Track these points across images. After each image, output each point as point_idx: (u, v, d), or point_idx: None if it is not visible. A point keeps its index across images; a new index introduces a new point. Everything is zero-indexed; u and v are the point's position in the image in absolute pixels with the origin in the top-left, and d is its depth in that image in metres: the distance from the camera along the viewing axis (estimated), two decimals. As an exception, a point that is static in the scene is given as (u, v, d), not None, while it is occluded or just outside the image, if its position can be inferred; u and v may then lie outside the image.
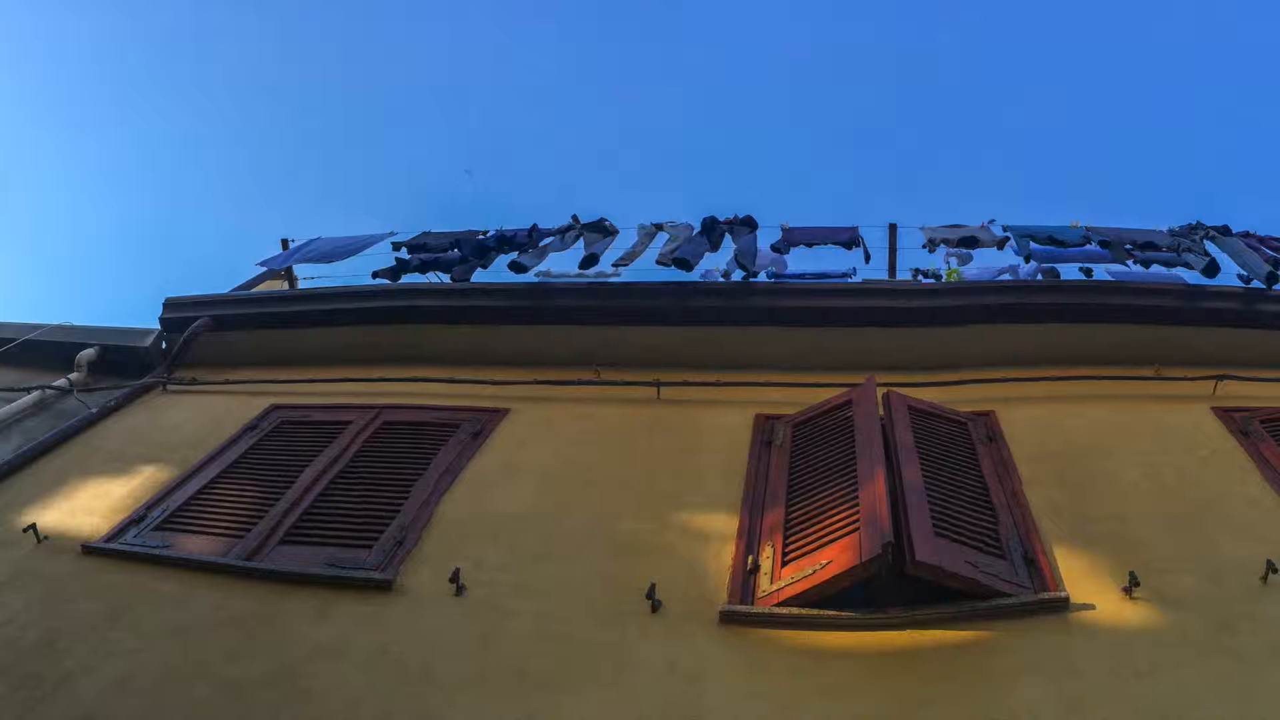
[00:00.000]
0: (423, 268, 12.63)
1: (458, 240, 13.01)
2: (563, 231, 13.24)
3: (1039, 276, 11.75)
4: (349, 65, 31.65)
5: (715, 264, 12.46)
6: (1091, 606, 6.54)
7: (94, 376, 11.30)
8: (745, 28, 30.70)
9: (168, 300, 11.97)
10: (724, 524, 7.66)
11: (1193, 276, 11.45)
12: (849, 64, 31.98)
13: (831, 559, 6.66)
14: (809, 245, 12.76)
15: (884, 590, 6.67)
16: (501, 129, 32.47)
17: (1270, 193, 29.10)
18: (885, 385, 9.14)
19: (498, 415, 9.56)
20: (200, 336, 11.46)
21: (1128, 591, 6.60)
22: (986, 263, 12.96)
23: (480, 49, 31.42)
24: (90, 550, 7.86)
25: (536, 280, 12.06)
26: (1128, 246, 12.06)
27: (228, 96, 31.68)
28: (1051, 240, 12.29)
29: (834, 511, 7.25)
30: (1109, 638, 6.25)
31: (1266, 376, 9.75)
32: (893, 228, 13.36)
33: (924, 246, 12.78)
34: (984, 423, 8.99)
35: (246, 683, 6.26)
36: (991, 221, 12.97)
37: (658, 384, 9.92)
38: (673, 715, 5.84)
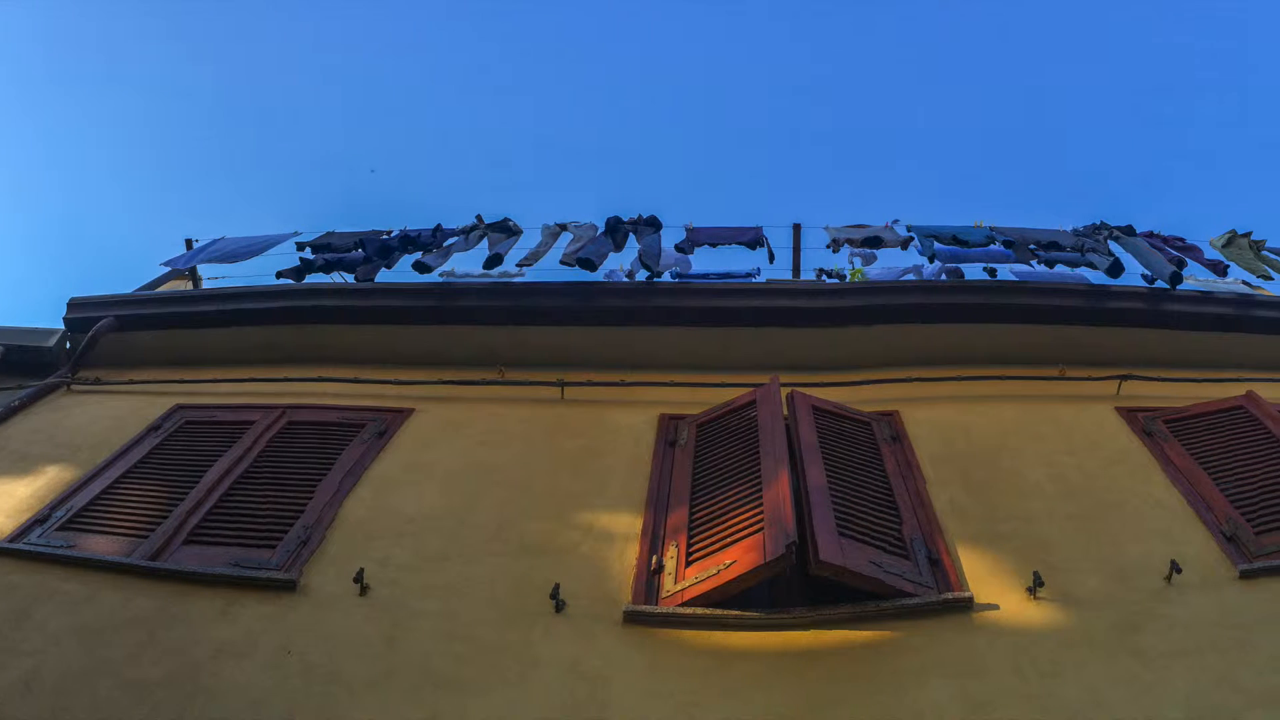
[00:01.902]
0: (327, 268, 12.53)
1: (362, 240, 12.92)
2: (467, 231, 13.21)
3: (943, 277, 11.90)
4: (254, 65, 31.44)
5: (619, 264, 12.54)
6: (996, 606, 6.65)
7: (-2, 377, 11.10)
8: (649, 27, 30.82)
9: (72, 300, 11.78)
10: (628, 524, 7.70)
11: (1097, 277, 11.65)
12: (753, 64, 32.19)
13: (735, 559, 6.71)
14: (713, 245, 12.83)
15: (788, 590, 6.76)
16: (406, 128, 32.42)
17: (1174, 193, 29.67)
18: (789, 385, 9.24)
19: (402, 415, 9.54)
20: (104, 336, 11.30)
21: (1032, 592, 6.72)
22: (890, 263, 13.15)
23: (385, 47, 31.36)
24: (-6, 550, 7.75)
25: (441, 280, 12.02)
26: (1032, 246, 12.23)
27: (131, 96, 31.25)
28: (955, 240, 12.43)
29: (738, 511, 7.30)
30: (1013, 638, 6.35)
31: (1170, 376, 9.96)
32: (797, 228, 13.48)
33: (828, 247, 12.89)
34: (888, 423, 9.10)
35: (150, 682, 6.20)
36: (895, 221, 13.12)
37: (562, 384, 9.94)
38: (577, 715, 5.86)
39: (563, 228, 13.22)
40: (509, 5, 30.25)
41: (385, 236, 13.05)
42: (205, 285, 13.97)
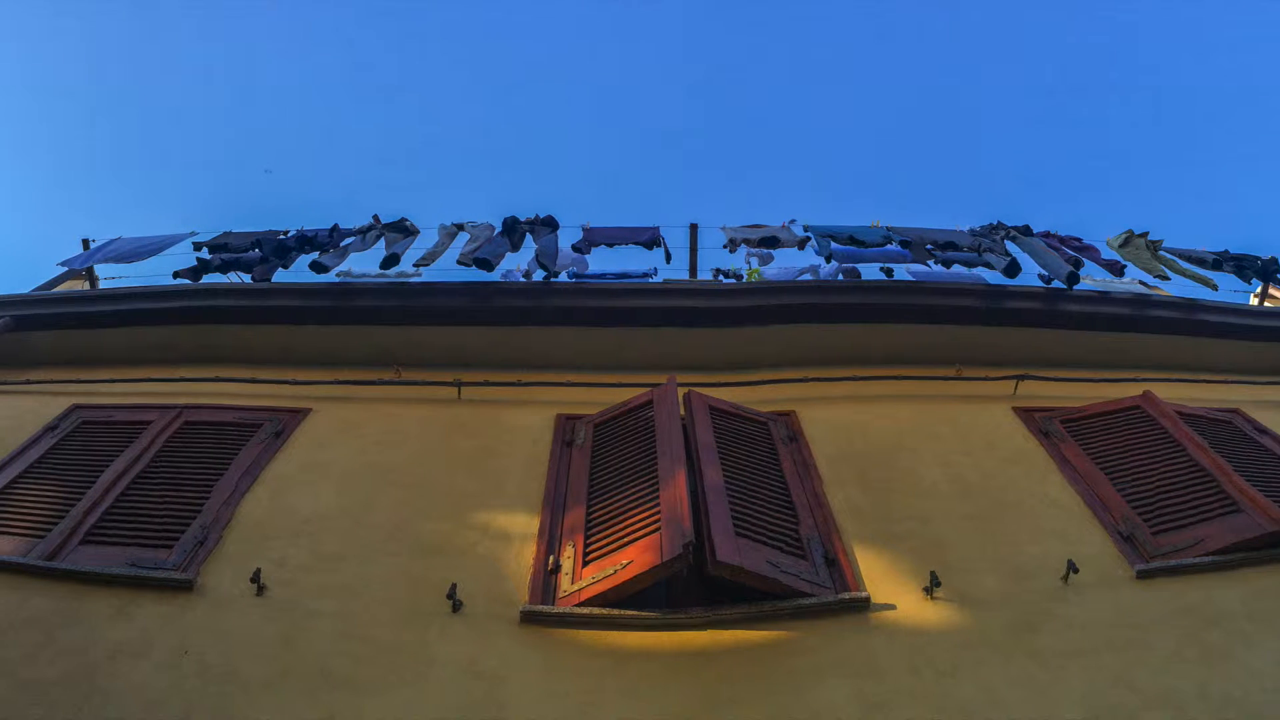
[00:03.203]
0: (224, 268, 12.42)
1: (259, 240, 12.82)
2: (364, 231, 13.17)
3: (840, 277, 11.95)
4: (148, 65, 30.96)
5: (516, 264, 12.49)
6: (893, 606, 6.71)
7: (-106, 376, 10.86)
8: (545, 27, 30.79)
9: (-33, 300, 11.58)
10: (525, 524, 7.70)
11: (994, 277, 11.80)
12: (650, 63, 32.25)
13: (632, 559, 6.72)
14: (610, 245, 12.86)
15: (685, 590, 6.79)
16: (302, 128, 32.17)
17: (1072, 193, 30.11)
18: (686, 385, 9.25)
19: (299, 415, 9.46)
20: (1, 337, 11.10)
21: (929, 592, 6.80)
22: (787, 263, 13.18)
23: (279, 46, 31.05)
24: (-112, 551, 7.57)
25: (338, 280, 11.96)
26: (929, 246, 12.36)
27: (26, 96, 30.78)
28: (852, 240, 12.53)
29: (635, 512, 7.32)
30: (910, 638, 6.42)
31: (1067, 376, 10.11)
32: (693, 228, 13.49)
33: (725, 246, 12.94)
34: (785, 423, 9.15)
35: (46, 682, 6.12)
36: (792, 221, 13.20)
37: (459, 384, 9.89)
38: (474, 715, 5.86)
39: (460, 228, 13.20)
40: (405, 3, 30.14)
41: (282, 236, 12.99)
42: (102, 285, 13.78)
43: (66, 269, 13.43)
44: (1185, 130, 31.11)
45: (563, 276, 11.96)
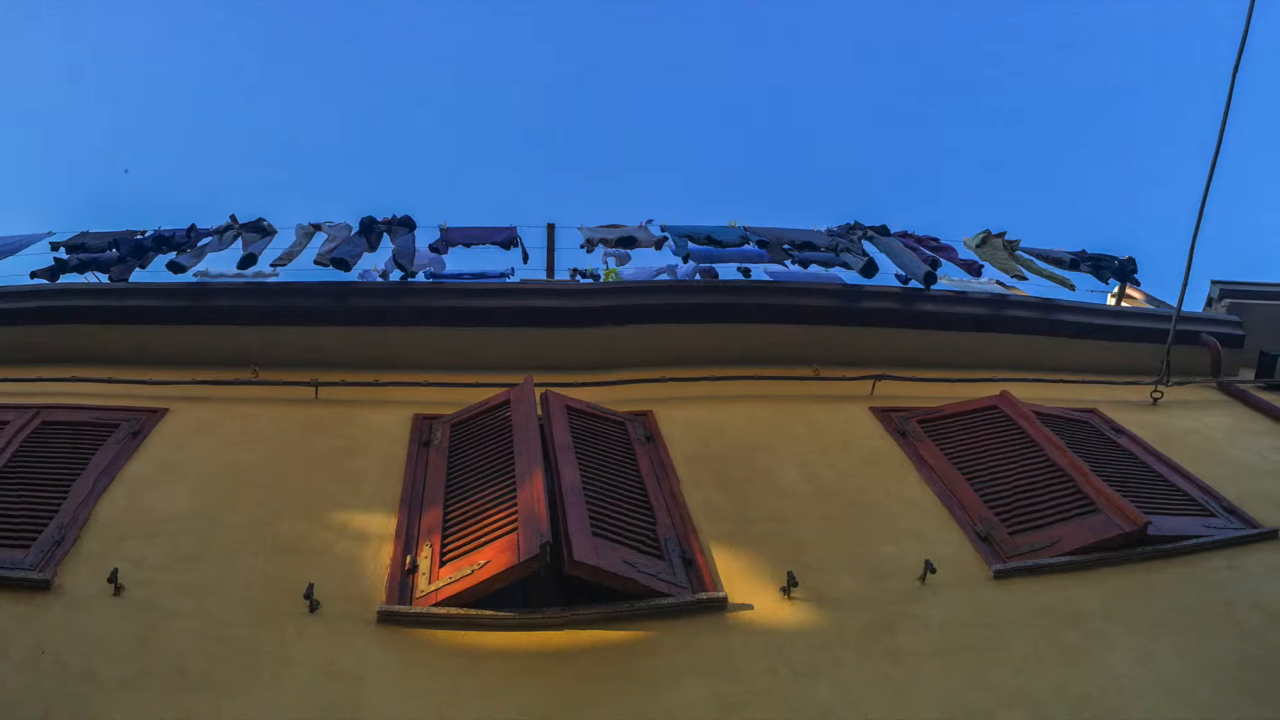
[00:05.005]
0: (81, 268, 12.23)
1: (116, 240, 12.65)
2: (221, 231, 13.02)
3: (697, 276, 12.07)
4: (6, 63, 30.37)
5: (374, 264, 12.46)
6: (750, 607, 6.77)
7: None
8: (402, 27, 30.69)
9: None
10: (382, 524, 7.66)
11: (851, 277, 11.98)
12: (507, 63, 32.24)
13: (490, 559, 6.72)
14: (467, 245, 12.87)
15: (543, 590, 6.83)
16: (158, 128, 31.73)
17: (928, 193, 30.59)
18: (544, 385, 9.30)
19: (156, 415, 9.32)
20: None
21: (786, 592, 6.87)
22: (645, 263, 13.26)
23: (134, 46, 30.61)
24: None
25: (195, 280, 11.86)
26: (785, 246, 12.50)
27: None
28: (709, 240, 12.64)
29: (493, 512, 7.33)
30: (767, 638, 6.49)
31: (924, 376, 10.31)
32: (551, 228, 13.56)
33: (582, 247, 12.98)
34: (642, 422, 9.24)
35: (-102, 684, 5.99)
36: (649, 221, 13.27)
37: (316, 384, 9.84)
38: (331, 715, 5.81)
39: (317, 228, 13.10)
40: (257, 5, 29.84)
41: (139, 237, 12.82)
42: (-42, 285, 13.50)
43: (-79, 270, 13.14)
44: (1041, 131, 31.84)
45: (420, 276, 11.93)
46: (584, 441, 8.41)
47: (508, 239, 12.85)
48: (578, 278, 13.04)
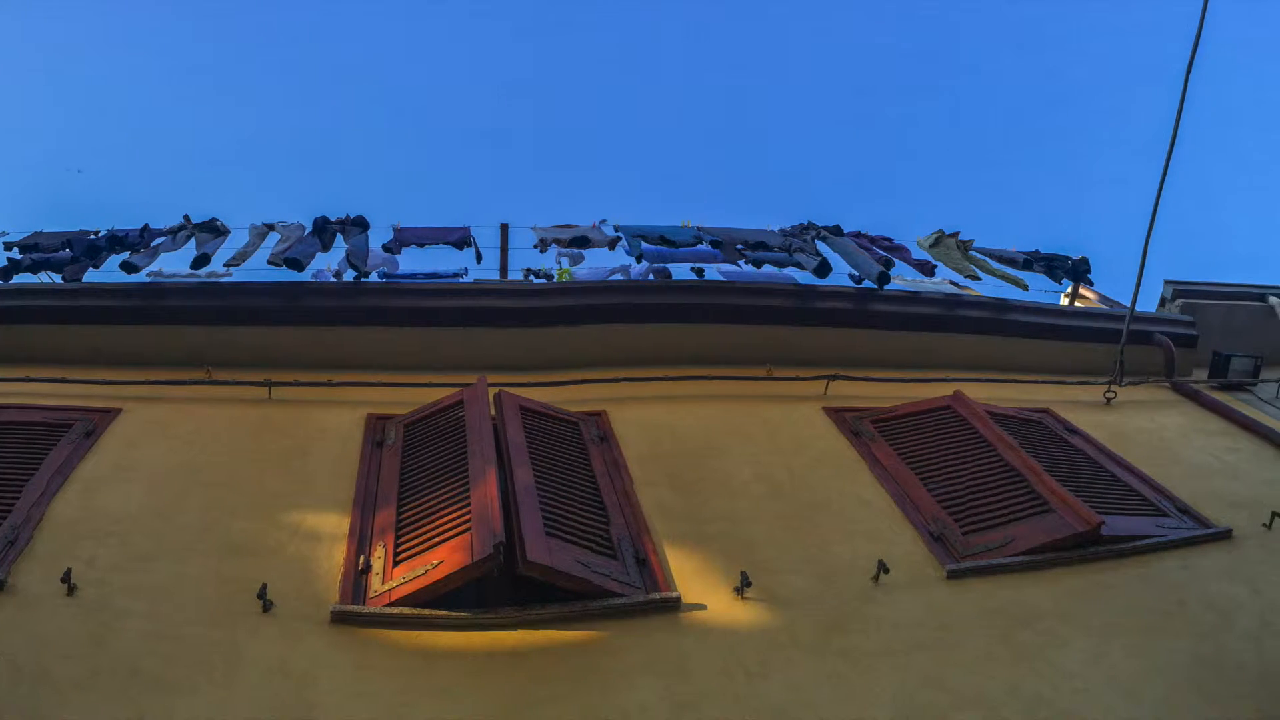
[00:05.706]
0: (34, 268, 12.21)
1: (69, 240, 12.61)
2: (174, 231, 12.98)
3: (650, 277, 12.12)
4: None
5: (327, 264, 12.50)
6: (703, 607, 6.81)
7: None
8: (353, 26, 30.63)
9: None
10: (336, 524, 7.65)
11: (804, 277, 12.05)
12: (459, 63, 32.25)
13: (443, 559, 6.73)
14: (421, 245, 12.91)
15: (497, 590, 6.81)
16: (112, 128, 31.59)
17: (881, 192, 30.71)
18: (497, 385, 9.31)
19: (110, 415, 9.28)
20: None
21: (739, 592, 6.91)
22: (598, 263, 13.33)
23: (87, 44, 30.47)
24: None
25: (148, 280, 11.83)
26: (739, 246, 12.54)
27: None
28: (663, 240, 12.67)
29: (446, 511, 7.33)
30: (720, 638, 6.52)
31: (878, 376, 10.37)
32: (504, 228, 13.61)
33: (536, 247, 13.05)
34: (595, 422, 9.26)
35: None
36: (603, 222, 13.31)
37: (269, 384, 9.82)
38: (284, 715, 5.79)
39: (270, 228, 13.09)
40: (212, 5, 29.72)
41: (93, 237, 12.78)
42: (-90, 286, 13.42)
43: None
44: (994, 131, 32.01)
45: (373, 276, 12.00)
46: (537, 442, 8.43)
47: (461, 239, 12.88)
48: (531, 278, 13.14)
